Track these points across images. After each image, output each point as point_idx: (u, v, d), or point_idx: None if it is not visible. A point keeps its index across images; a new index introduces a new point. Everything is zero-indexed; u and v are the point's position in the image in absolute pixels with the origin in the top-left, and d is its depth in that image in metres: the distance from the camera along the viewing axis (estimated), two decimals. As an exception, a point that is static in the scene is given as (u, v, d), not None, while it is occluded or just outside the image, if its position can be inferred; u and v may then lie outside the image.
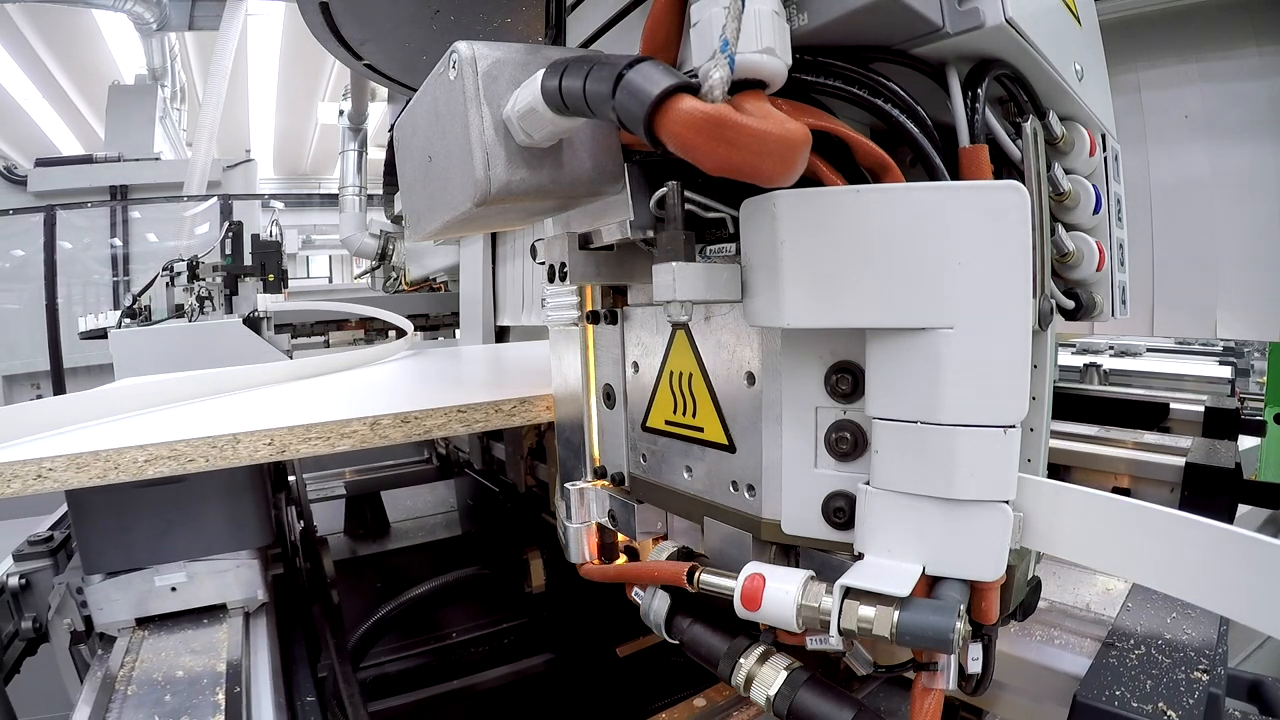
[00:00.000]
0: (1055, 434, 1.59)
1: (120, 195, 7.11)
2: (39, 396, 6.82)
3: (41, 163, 7.14)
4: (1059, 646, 0.87)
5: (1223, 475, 1.23)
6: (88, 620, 1.18)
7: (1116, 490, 1.35)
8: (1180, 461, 1.30)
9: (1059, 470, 1.48)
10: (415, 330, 4.82)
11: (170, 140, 8.84)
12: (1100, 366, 5.11)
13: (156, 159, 7.80)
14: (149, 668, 1.10)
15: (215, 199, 6.93)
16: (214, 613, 1.26)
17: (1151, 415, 1.70)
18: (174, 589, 1.21)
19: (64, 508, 1.58)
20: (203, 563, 1.23)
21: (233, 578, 1.25)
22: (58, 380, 6.58)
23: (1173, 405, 1.74)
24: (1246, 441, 1.72)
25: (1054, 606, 0.97)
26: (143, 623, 1.21)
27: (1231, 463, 1.26)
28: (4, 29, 8.08)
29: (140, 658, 1.13)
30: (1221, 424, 1.63)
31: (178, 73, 8.77)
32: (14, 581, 1.33)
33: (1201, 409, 1.69)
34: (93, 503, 1.12)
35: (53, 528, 1.56)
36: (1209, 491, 1.24)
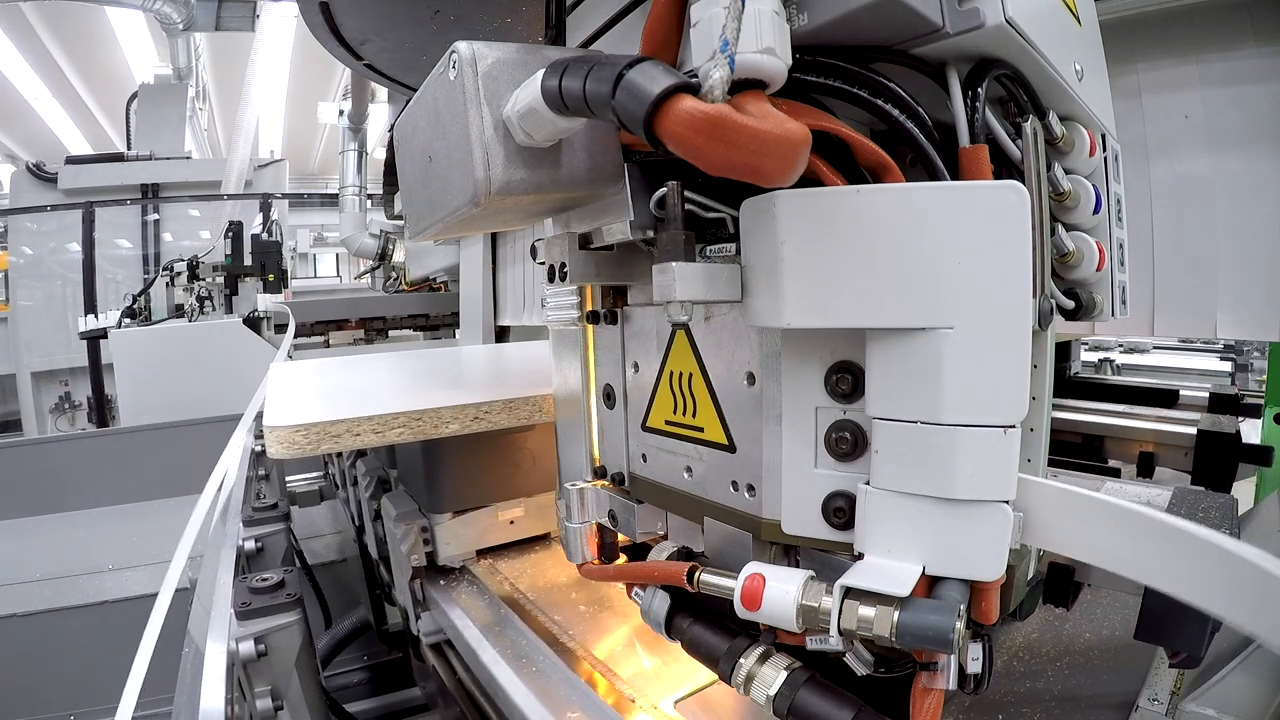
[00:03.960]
0: (1089, 411, 1.84)
1: (152, 194, 7.15)
2: (67, 393, 6.83)
3: (72, 160, 7.16)
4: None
5: (1226, 439, 1.48)
6: (430, 556, 1.34)
7: (1142, 454, 1.62)
8: (1193, 430, 1.55)
9: (1095, 440, 1.72)
10: (415, 330, 4.83)
11: (196, 140, 8.85)
12: (1113, 361, 5.84)
13: (188, 158, 7.83)
14: (530, 581, 1.27)
15: (257, 198, 6.94)
16: (540, 541, 1.44)
17: (1164, 399, 1.95)
18: (512, 522, 1.39)
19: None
20: (537, 498, 1.41)
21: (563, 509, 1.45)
22: (96, 378, 6.54)
23: (1181, 392, 1.99)
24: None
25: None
26: (481, 554, 1.38)
27: (1233, 430, 1.50)
28: (17, 28, 8.07)
29: (507, 576, 1.29)
30: (1224, 406, 1.85)
31: (200, 73, 8.76)
32: (250, 545, 1.50)
33: (1206, 395, 1.93)
34: (450, 451, 1.29)
35: (258, 497, 1.77)
36: (1215, 452, 1.48)
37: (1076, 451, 1.75)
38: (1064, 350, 2.30)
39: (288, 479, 2.42)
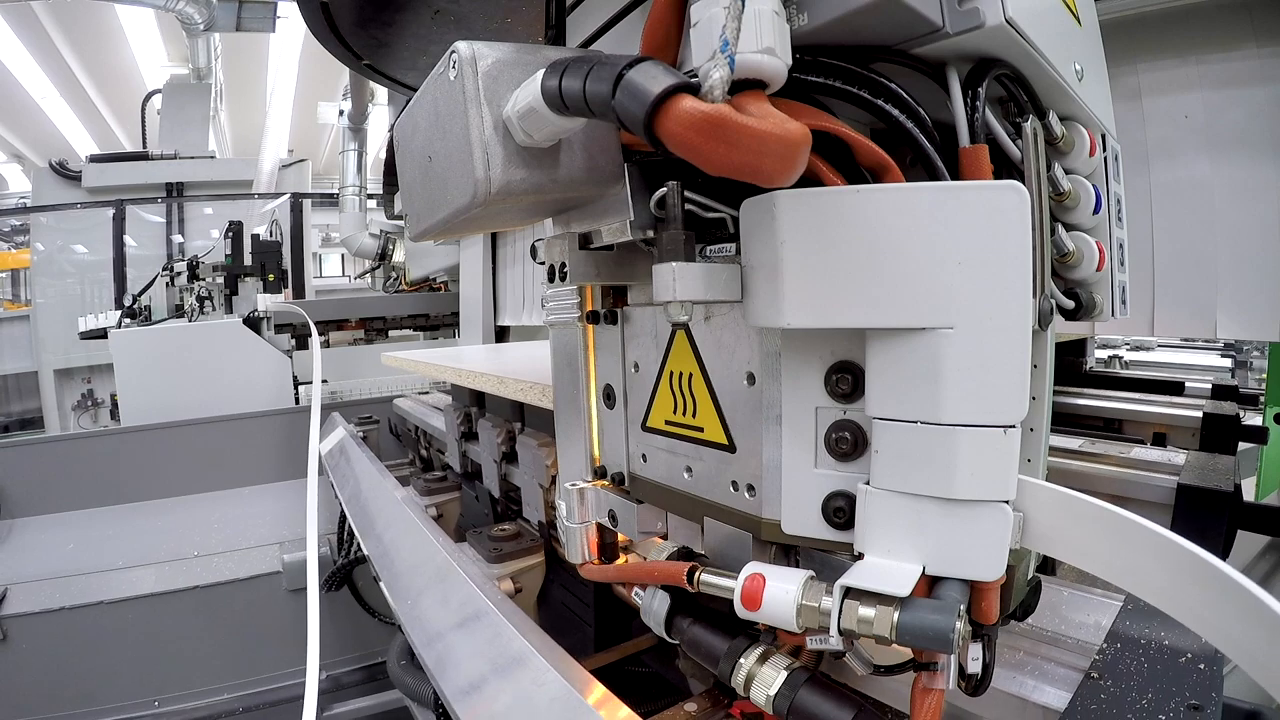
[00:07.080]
0: (1107, 399, 1.99)
1: (177, 192, 7.15)
2: (90, 390, 6.83)
3: (95, 159, 7.15)
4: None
5: (1228, 419, 1.65)
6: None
7: (1155, 434, 1.79)
8: (1199, 414, 1.71)
9: (1115, 423, 1.89)
10: (415, 330, 4.83)
11: (217, 139, 8.83)
12: (1121, 357, 6.13)
13: (212, 157, 7.84)
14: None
15: (286, 196, 6.92)
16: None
17: (1172, 389, 2.13)
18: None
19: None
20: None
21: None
22: (123, 376, 6.54)
23: (1186, 384, 2.17)
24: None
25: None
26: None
27: (1234, 413, 1.68)
28: (27, 27, 8.05)
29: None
30: (1225, 396, 1.99)
31: (217, 73, 8.75)
32: (431, 513, 1.71)
33: (1209, 386, 2.11)
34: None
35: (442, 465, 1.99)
36: (1219, 430, 1.64)
37: (1098, 431, 1.91)
38: (1079, 346, 2.44)
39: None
